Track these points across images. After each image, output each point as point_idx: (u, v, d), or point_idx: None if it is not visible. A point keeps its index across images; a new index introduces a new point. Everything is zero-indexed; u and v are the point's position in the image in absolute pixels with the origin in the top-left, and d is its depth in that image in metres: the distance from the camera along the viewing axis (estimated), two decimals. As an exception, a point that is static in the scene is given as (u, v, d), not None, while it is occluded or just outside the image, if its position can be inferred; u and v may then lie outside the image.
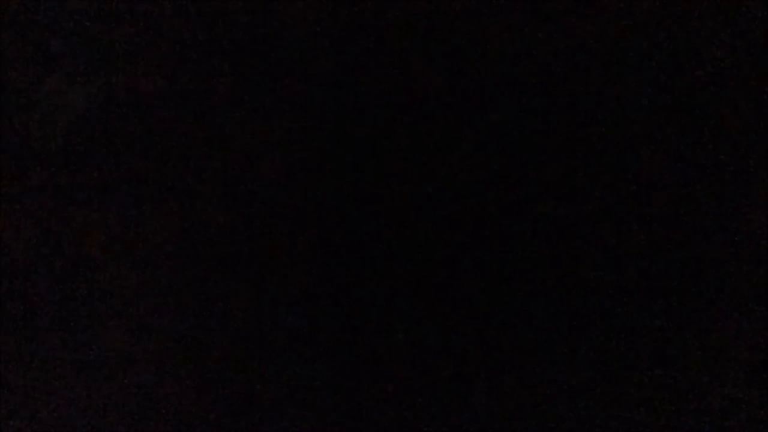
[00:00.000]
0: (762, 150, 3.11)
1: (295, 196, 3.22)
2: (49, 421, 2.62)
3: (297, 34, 3.18)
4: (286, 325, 3.06)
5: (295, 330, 3.09)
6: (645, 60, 3.31)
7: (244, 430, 2.85)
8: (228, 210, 3.02)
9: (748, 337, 3.02)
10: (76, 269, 2.68)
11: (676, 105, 3.29)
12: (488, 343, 3.27)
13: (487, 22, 3.35)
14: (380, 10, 3.27)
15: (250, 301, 3.02)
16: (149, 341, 2.81)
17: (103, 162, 2.71)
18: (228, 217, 3.03)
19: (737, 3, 3.12)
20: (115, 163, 2.72)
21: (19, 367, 2.60)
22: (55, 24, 2.71)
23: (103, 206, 2.71)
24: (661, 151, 3.37)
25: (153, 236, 2.80)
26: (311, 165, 3.30)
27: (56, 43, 2.70)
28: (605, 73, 3.39)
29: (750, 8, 3.10)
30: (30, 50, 2.68)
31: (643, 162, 3.43)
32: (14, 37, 2.66)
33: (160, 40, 2.80)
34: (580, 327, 3.27)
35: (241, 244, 3.04)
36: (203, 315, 2.93)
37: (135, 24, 2.70)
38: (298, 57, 3.23)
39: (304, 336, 3.10)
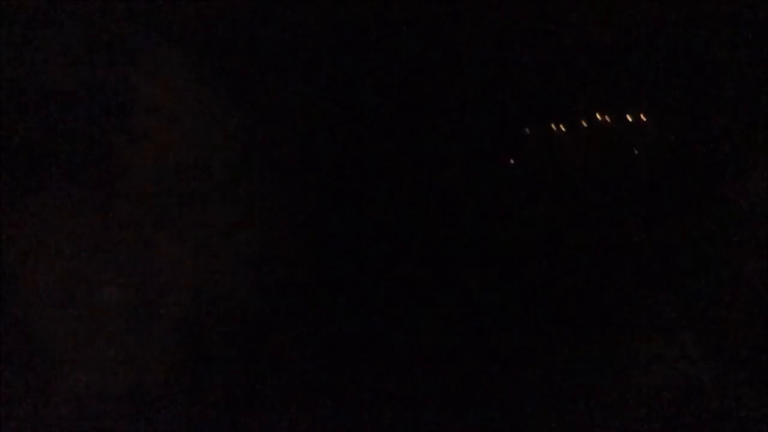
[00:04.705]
0: (762, 150, 3.10)
1: (295, 196, 3.22)
2: (49, 421, 2.64)
3: (297, 34, 3.15)
4: (286, 324, 3.08)
5: (296, 330, 3.10)
6: (645, 60, 3.29)
7: (244, 430, 2.89)
8: (228, 209, 3.02)
9: (748, 337, 3.04)
10: (76, 269, 2.68)
11: (676, 105, 3.28)
12: (488, 343, 3.30)
13: (487, 23, 3.31)
14: (380, 10, 3.23)
15: (251, 300, 3.03)
16: (149, 341, 2.82)
17: (103, 162, 2.70)
18: (228, 216, 3.03)
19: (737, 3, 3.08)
20: (114, 162, 2.71)
21: (19, 367, 2.61)
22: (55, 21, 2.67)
23: (104, 206, 2.71)
24: (662, 150, 3.37)
25: (153, 236, 2.80)
26: (311, 164, 3.29)
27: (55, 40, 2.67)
28: (605, 73, 3.37)
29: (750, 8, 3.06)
30: (30, 49, 2.64)
31: (642, 161, 3.43)
32: (13, 36, 2.62)
33: (161, 40, 2.78)
34: (579, 327, 3.30)
35: (241, 244, 3.04)
36: (203, 314, 2.94)
37: (136, 23, 2.68)
38: (299, 57, 3.20)
39: (305, 336, 3.12)
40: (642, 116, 3.41)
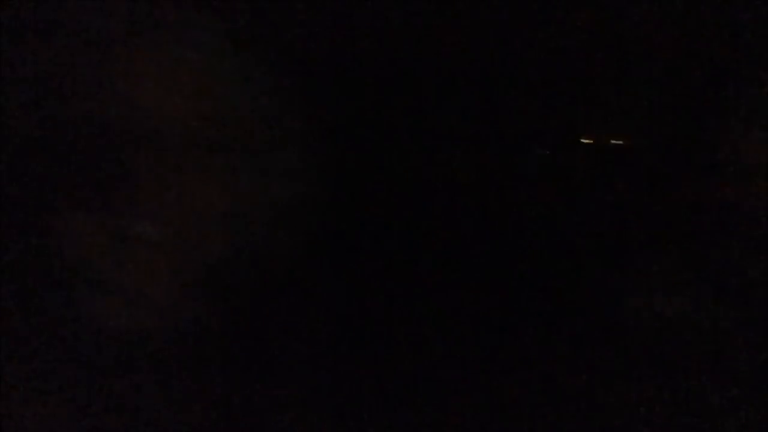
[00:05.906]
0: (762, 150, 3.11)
1: (295, 196, 3.22)
2: (49, 420, 2.61)
3: (297, 33, 3.18)
4: (286, 324, 3.06)
5: (296, 330, 3.08)
6: (645, 60, 3.32)
7: (243, 430, 2.85)
8: (228, 209, 3.02)
9: (748, 337, 3.02)
10: (75, 269, 2.67)
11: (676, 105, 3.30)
12: (488, 344, 3.27)
13: (487, 22, 3.35)
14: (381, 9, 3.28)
15: (251, 300, 3.02)
16: (149, 341, 2.80)
17: (102, 162, 2.71)
18: (228, 216, 3.03)
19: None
20: (114, 162, 2.71)
21: (19, 367, 2.59)
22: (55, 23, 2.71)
23: (103, 207, 2.70)
24: (661, 149, 3.38)
25: (153, 236, 2.79)
26: (311, 164, 3.30)
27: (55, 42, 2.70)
28: (605, 72, 3.40)
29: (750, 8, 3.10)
30: (29, 50, 2.68)
31: (641, 160, 3.44)
32: (13, 37, 2.66)
33: (162, 42, 2.81)
34: (579, 328, 3.27)
35: (241, 243, 3.03)
36: (203, 315, 2.92)
37: (136, 22, 2.71)
38: (298, 56, 3.23)
39: (305, 336, 3.10)
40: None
